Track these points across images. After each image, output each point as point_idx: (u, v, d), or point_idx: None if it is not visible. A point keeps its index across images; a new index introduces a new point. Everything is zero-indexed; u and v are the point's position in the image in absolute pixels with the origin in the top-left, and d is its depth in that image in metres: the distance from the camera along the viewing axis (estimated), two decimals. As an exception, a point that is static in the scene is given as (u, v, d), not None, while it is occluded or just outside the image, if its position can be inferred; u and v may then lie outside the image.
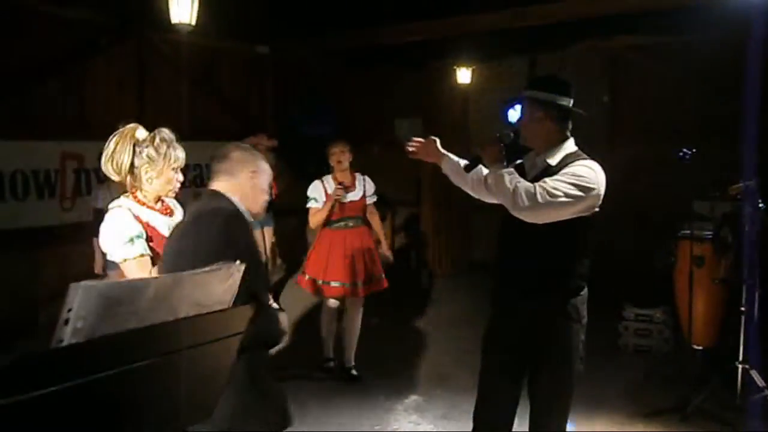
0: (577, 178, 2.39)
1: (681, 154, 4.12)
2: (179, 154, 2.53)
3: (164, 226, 2.51)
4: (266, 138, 6.44)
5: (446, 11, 6.59)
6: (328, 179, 4.74)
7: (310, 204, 4.71)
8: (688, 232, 4.25)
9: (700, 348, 4.20)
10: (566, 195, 2.36)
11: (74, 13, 5.91)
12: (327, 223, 4.66)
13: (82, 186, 5.82)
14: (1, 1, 5.27)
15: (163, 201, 2.60)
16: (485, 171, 2.60)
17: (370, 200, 4.82)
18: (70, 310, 1.15)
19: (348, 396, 4.38)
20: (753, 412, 3.67)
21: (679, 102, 7.27)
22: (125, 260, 2.40)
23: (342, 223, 4.66)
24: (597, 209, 2.47)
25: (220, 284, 1.54)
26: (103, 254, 2.64)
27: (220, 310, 1.51)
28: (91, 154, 4.68)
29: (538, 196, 2.34)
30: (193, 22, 5.27)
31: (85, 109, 6.25)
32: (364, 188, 4.78)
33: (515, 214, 2.41)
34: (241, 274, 1.58)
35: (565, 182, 2.38)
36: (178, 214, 2.62)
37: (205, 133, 7.64)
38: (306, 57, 8.66)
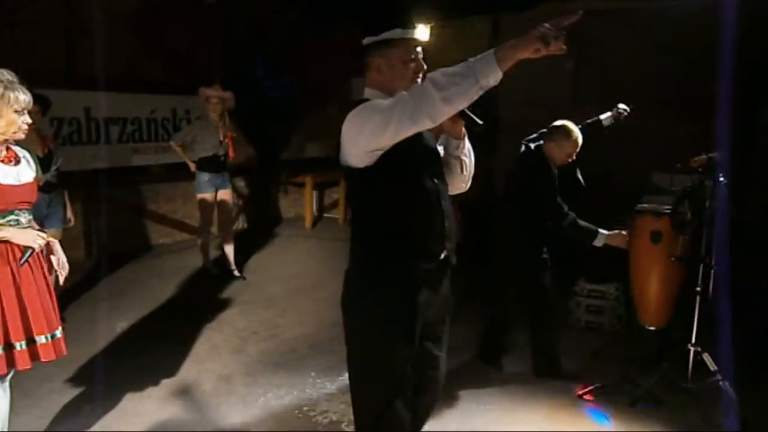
0: None
1: (619, 110, 3.92)
2: (20, 95, 2.48)
3: (3, 174, 2.51)
4: (220, 89, 5.90)
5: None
6: None
7: None
8: (646, 205, 4.02)
9: (653, 328, 4.02)
10: None
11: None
12: None
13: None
14: None
15: (8, 149, 2.58)
16: None
17: None
18: None
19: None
20: (705, 397, 3.52)
21: (643, 71, 7.04)
22: None
23: None
24: None
25: None
26: None
27: None
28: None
29: None
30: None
31: (7, 55, 5.71)
32: None
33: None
34: None
35: None
36: (25, 165, 2.62)
37: (145, 84, 7.14)
38: (259, 9, 8.13)
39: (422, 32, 1.83)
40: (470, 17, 7.97)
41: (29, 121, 2.56)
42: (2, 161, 2.54)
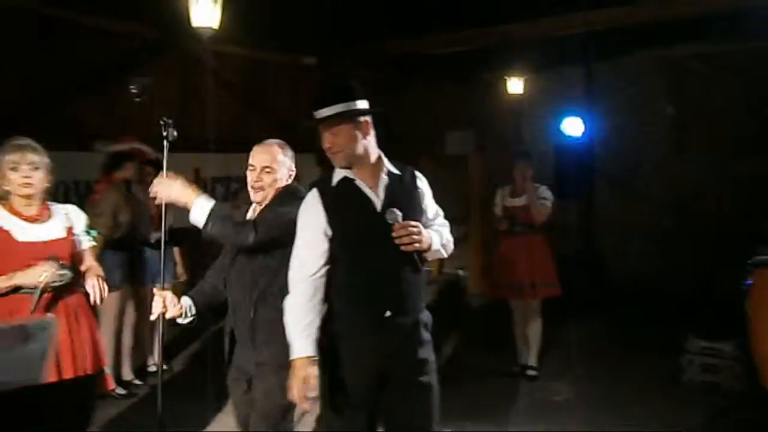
0: None
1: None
2: (5, 156, 2.62)
3: (21, 231, 2.62)
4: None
5: (495, 19, 6.26)
6: (505, 188, 4.98)
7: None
8: (766, 257, 3.77)
9: (777, 391, 3.71)
10: None
11: (114, 25, 5.87)
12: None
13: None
14: (40, 14, 5.25)
15: (42, 206, 2.71)
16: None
17: (540, 206, 4.69)
18: None
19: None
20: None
21: (748, 114, 6.74)
22: None
23: (509, 229, 4.88)
24: None
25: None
26: None
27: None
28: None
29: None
30: (215, 26, 5.08)
31: (123, 124, 6.19)
32: (531, 197, 4.72)
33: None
34: (51, 330, 1.23)
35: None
36: (57, 221, 2.73)
37: (248, 144, 7.47)
38: (353, 67, 8.44)
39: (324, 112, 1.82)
40: (562, 68, 7.94)
41: (29, 176, 2.63)
42: (26, 219, 2.66)
